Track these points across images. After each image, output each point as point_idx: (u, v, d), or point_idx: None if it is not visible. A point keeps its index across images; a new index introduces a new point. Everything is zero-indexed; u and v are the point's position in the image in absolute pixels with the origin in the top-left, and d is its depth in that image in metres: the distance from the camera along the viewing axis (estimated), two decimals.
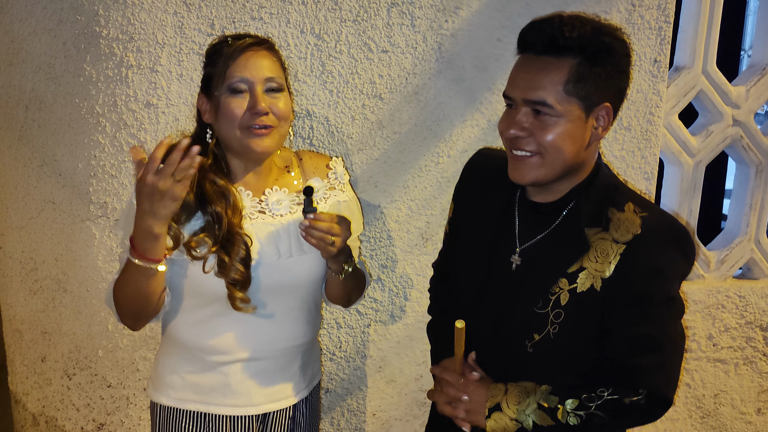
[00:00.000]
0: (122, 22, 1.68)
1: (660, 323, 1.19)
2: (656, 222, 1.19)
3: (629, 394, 1.17)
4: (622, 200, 1.21)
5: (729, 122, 2.04)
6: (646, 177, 1.94)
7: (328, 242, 1.31)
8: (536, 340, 1.22)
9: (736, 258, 2.14)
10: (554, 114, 1.13)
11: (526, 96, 1.15)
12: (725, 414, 2.18)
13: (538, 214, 1.26)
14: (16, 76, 1.83)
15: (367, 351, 1.95)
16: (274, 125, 1.35)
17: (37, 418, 2.04)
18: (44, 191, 1.85)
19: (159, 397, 1.43)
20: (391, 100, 1.80)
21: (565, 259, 1.20)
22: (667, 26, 1.85)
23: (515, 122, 1.16)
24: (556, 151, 1.15)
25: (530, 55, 1.16)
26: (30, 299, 1.96)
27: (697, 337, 2.10)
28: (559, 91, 1.12)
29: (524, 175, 1.19)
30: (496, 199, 1.32)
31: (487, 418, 1.22)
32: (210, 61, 1.38)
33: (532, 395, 1.21)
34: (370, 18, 1.74)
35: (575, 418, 1.18)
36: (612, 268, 1.16)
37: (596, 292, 1.17)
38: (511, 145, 1.19)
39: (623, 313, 1.18)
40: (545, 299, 1.21)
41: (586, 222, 1.20)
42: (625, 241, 1.16)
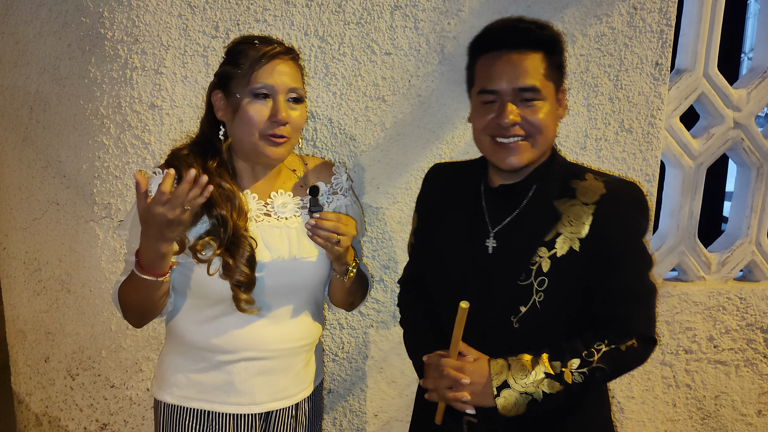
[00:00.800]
0: (127, 24, 1.69)
1: (638, 273, 1.31)
2: (617, 183, 1.32)
3: (623, 341, 1.27)
4: (581, 172, 1.35)
5: (730, 125, 2.05)
6: (647, 179, 1.95)
7: (334, 241, 1.32)
8: (522, 312, 1.29)
9: (737, 260, 2.15)
10: (541, 98, 1.26)
11: (516, 84, 1.26)
12: (726, 416, 2.19)
13: (505, 198, 1.35)
14: (21, 77, 1.84)
15: (369, 352, 1.96)
16: (290, 136, 1.36)
17: (40, 418, 2.04)
18: (48, 192, 1.86)
19: (163, 396, 1.44)
20: (394, 102, 1.81)
21: (540, 229, 1.29)
22: (668, 29, 1.86)
23: (509, 111, 1.25)
24: (545, 131, 1.28)
25: (504, 52, 1.27)
26: (33, 300, 1.97)
27: (697, 338, 2.11)
28: (541, 77, 1.26)
29: (520, 158, 1.28)
30: (460, 197, 1.41)
31: (497, 397, 1.25)
32: (232, 59, 1.36)
33: (537, 366, 1.25)
34: (374, 20, 1.75)
35: (580, 376, 1.25)
36: (587, 227, 1.27)
37: (576, 253, 1.27)
38: (502, 133, 1.27)
39: (604, 267, 1.27)
40: (527, 270, 1.28)
41: (553, 196, 1.31)
42: (594, 201, 1.28)
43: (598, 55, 1.84)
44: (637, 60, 1.86)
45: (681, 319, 2.08)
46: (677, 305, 2.07)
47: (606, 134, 1.90)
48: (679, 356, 2.11)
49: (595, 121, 1.89)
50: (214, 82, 1.41)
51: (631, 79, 1.87)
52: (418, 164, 1.85)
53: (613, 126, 1.90)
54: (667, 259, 2.09)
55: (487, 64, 1.30)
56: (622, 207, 1.29)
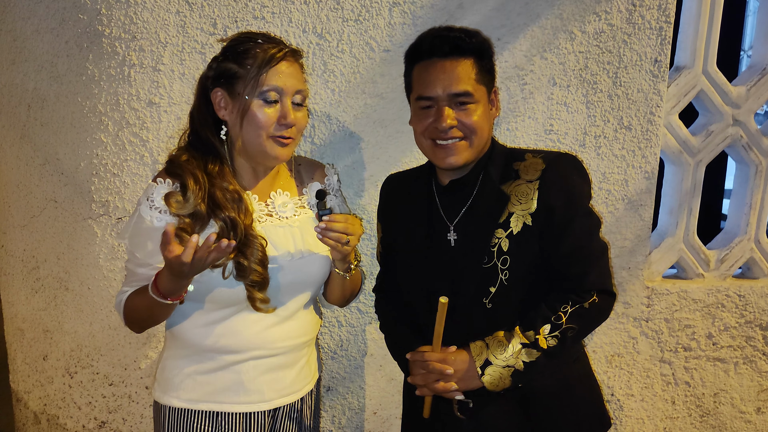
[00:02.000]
0: (125, 21, 1.68)
1: (587, 233, 1.39)
2: (554, 156, 1.41)
3: (586, 298, 1.36)
4: (519, 154, 1.44)
5: (729, 122, 2.05)
6: (646, 176, 1.94)
7: (344, 242, 1.33)
8: (492, 293, 1.38)
9: (736, 257, 2.14)
10: (473, 101, 1.36)
11: (451, 90, 1.35)
12: (725, 413, 2.19)
13: (455, 192, 1.45)
14: (18, 74, 1.83)
15: (368, 349, 1.96)
16: (295, 137, 1.37)
17: (38, 416, 2.04)
18: (46, 190, 1.86)
19: (169, 400, 1.42)
20: (393, 99, 1.80)
21: (494, 213, 1.39)
22: (667, 26, 1.86)
23: (446, 115, 1.35)
24: (479, 131, 1.37)
25: (437, 59, 1.36)
26: (31, 297, 1.96)
27: (696, 336, 2.10)
28: (472, 82, 1.36)
29: (458, 158, 1.37)
30: (414, 200, 1.50)
31: (482, 376, 1.34)
32: (236, 57, 1.34)
33: (513, 339, 1.34)
34: (372, 17, 1.74)
35: (553, 339, 1.34)
36: (535, 202, 1.36)
37: (529, 227, 1.36)
38: (441, 136, 1.36)
39: (556, 233, 1.36)
40: (489, 253, 1.37)
41: (499, 181, 1.40)
42: (537, 178, 1.37)
43: (597, 52, 1.84)
44: (636, 57, 1.86)
45: (680, 316, 2.08)
46: (676, 303, 2.07)
47: (605, 131, 1.90)
48: (678, 354, 2.11)
49: (594, 119, 1.88)
50: (210, 76, 1.38)
51: (630, 76, 1.87)
52: (417, 161, 1.84)
53: (612, 123, 1.90)
54: (666, 257, 2.09)
55: (422, 71, 1.38)
56: (562, 176, 1.37)
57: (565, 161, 1.40)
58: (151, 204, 1.32)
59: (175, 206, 1.30)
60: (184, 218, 1.31)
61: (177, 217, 1.31)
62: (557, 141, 1.88)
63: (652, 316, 2.06)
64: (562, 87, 1.85)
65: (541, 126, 1.87)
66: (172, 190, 1.32)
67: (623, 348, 2.07)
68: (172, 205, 1.30)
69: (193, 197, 1.31)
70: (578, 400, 1.46)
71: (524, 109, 1.85)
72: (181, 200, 1.31)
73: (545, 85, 1.84)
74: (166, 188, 1.33)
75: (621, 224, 1.97)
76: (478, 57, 1.37)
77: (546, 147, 1.88)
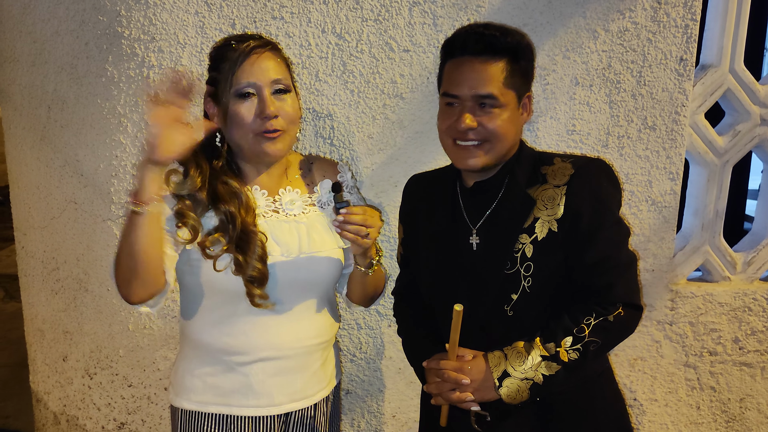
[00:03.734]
0: (144, 22, 1.68)
1: (616, 243, 1.33)
2: (584, 161, 1.35)
3: (611, 311, 1.30)
4: (548, 158, 1.38)
5: (757, 121, 2.00)
6: (671, 177, 1.91)
7: (363, 234, 1.31)
8: (514, 300, 1.33)
9: (764, 260, 2.09)
10: (498, 105, 1.30)
11: (475, 91, 1.30)
12: (751, 419, 2.14)
13: (480, 194, 1.40)
14: (38, 76, 1.84)
15: (387, 352, 1.94)
16: (284, 129, 1.35)
17: (58, 416, 2.05)
18: (66, 191, 1.86)
19: (180, 402, 1.42)
20: (413, 99, 1.78)
21: (518, 218, 1.34)
22: (693, 24, 1.82)
23: (465, 117, 1.30)
24: (501, 136, 1.32)
25: (468, 57, 1.31)
26: (51, 299, 1.97)
27: (722, 340, 2.06)
28: (500, 85, 1.30)
29: (476, 161, 1.33)
30: (439, 201, 1.46)
31: (499, 388, 1.29)
32: (215, 65, 1.37)
33: (533, 350, 1.29)
34: (392, 17, 1.73)
35: (575, 353, 1.29)
36: (562, 208, 1.31)
37: (555, 234, 1.31)
38: (460, 137, 1.32)
39: (583, 241, 1.31)
40: (512, 258, 1.33)
41: (525, 185, 1.35)
42: (565, 183, 1.32)
43: (620, 51, 1.81)
44: (661, 55, 1.82)
45: (705, 320, 2.04)
46: (702, 306, 2.03)
47: (629, 132, 1.86)
48: (703, 358, 2.07)
49: (617, 119, 1.85)
50: (206, 90, 1.40)
51: (654, 75, 1.83)
52: (437, 162, 1.82)
53: (636, 123, 1.86)
54: (692, 259, 2.05)
55: (452, 68, 1.34)
56: (591, 182, 1.32)
57: (595, 167, 1.35)
58: None
59: (172, 184, 1.30)
60: (185, 200, 1.31)
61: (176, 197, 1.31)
62: (579, 142, 1.85)
63: (676, 319, 2.02)
64: (584, 86, 1.82)
65: (563, 126, 1.84)
66: (175, 167, 1.32)
67: (646, 352, 2.03)
68: (170, 182, 1.30)
69: (191, 179, 1.31)
70: (600, 413, 1.41)
71: (546, 109, 1.82)
72: (179, 179, 1.31)
73: (568, 85, 1.81)
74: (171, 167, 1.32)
75: (644, 226, 1.93)
76: (512, 58, 1.31)
77: (568, 148, 1.85)
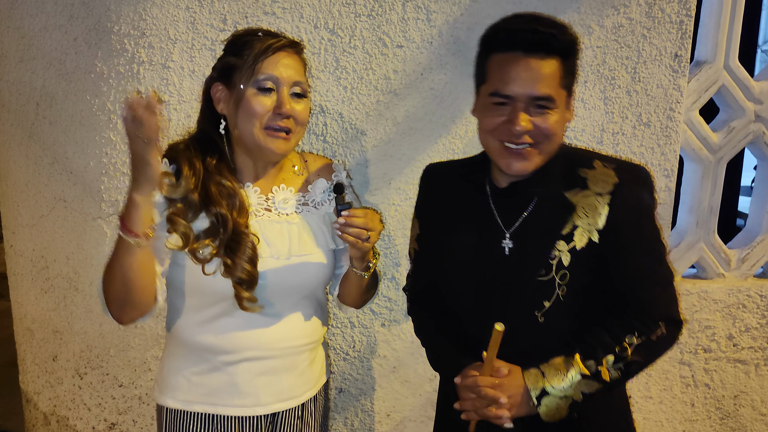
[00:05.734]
0: (134, 17, 1.66)
1: (657, 258, 1.30)
2: (628, 168, 1.31)
3: (653, 330, 1.26)
4: (588, 160, 1.32)
5: (751, 118, 2.00)
6: (665, 174, 1.90)
7: (364, 238, 1.29)
8: (546, 308, 1.28)
9: (758, 257, 2.09)
10: (553, 106, 1.23)
11: (533, 93, 1.22)
12: (745, 415, 2.14)
13: (515, 197, 1.33)
14: (26, 72, 1.81)
15: (381, 351, 1.92)
16: (293, 130, 1.33)
17: (48, 417, 2.02)
18: (55, 189, 1.84)
19: (165, 400, 1.40)
20: (406, 95, 1.77)
21: (556, 224, 1.28)
22: (688, 20, 1.81)
23: (521, 118, 1.22)
24: (553, 137, 1.26)
25: (520, 54, 1.22)
26: (41, 298, 1.94)
27: (717, 337, 2.06)
28: (556, 85, 1.23)
29: (528, 165, 1.26)
30: (464, 200, 1.39)
31: (538, 407, 1.25)
32: (235, 51, 1.33)
33: (571, 368, 1.25)
34: (385, 12, 1.71)
35: (617, 372, 1.25)
36: (604, 217, 1.26)
37: (595, 244, 1.26)
38: (512, 140, 1.24)
39: (625, 254, 1.26)
40: (547, 266, 1.27)
41: (563, 187, 1.29)
42: (609, 191, 1.27)
43: (615, 47, 1.80)
44: (655, 52, 1.81)
45: (700, 317, 2.03)
46: (696, 303, 2.02)
47: (623, 128, 1.85)
48: (697, 355, 2.06)
49: (612, 115, 1.84)
50: (213, 75, 1.38)
51: (649, 71, 1.82)
52: (431, 159, 1.81)
53: (631, 120, 1.85)
54: (686, 256, 2.04)
55: (501, 64, 1.24)
56: (637, 193, 1.28)
57: (639, 177, 1.30)
58: None
59: (165, 188, 1.27)
60: (177, 203, 1.29)
61: (168, 200, 1.29)
62: (574, 138, 1.84)
63: None
64: (579, 83, 1.80)
65: None
66: (167, 169, 1.29)
67: None
68: (163, 186, 1.26)
69: (185, 182, 1.28)
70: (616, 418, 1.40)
71: None
72: (173, 182, 1.27)
73: None
74: (162, 166, 1.27)
75: None
76: (564, 57, 1.24)
77: None
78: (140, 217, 1.20)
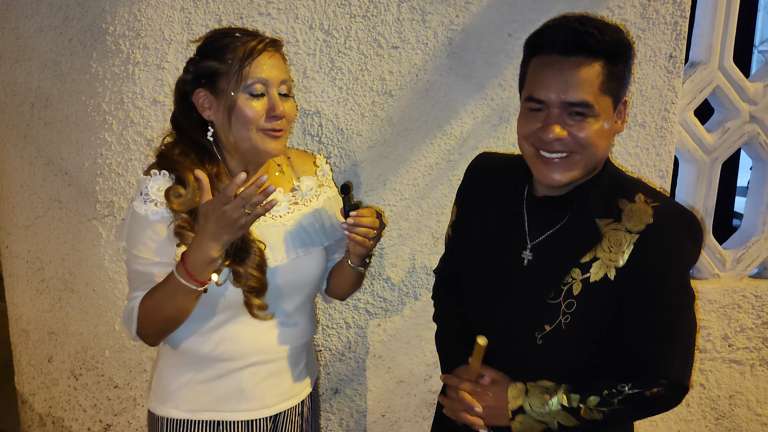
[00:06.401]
0: (129, 18, 1.65)
1: (676, 311, 1.19)
2: (668, 210, 1.20)
3: (650, 386, 1.18)
4: (631, 191, 1.23)
5: (746, 119, 2.00)
6: (660, 175, 1.90)
7: (371, 237, 1.30)
8: (547, 331, 1.23)
9: (753, 257, 2.10)
10: (592, 114, 1.14)
11: (566, 98, 1.14)
12: (740, 416, 2.14)
13: (548, 209, 1.27)
14: (21, 73, 1.81)
15: (377, 351, 1.92)
16: (285, 129, 1.33)
17: (43, 418, 2.02)
18: (50, 190, 1.83)
19: (167, 411, 1.37)
20: (402, 96, 1.77)
21: (578, 249, 1.21)
22: (682, 21, 1.82)
23: (554, 125, 1.15)
24: (593, 149, 1.16)
25: (557, 57, 1.15)
26: (36, 299, 1.94)
27: (712, 337, 2.06)
28: (595, 91, 1.14)
29: (561, 177, 1.19)
30: (502, 198, 1.34)
31: (512, 421, 1.23)
32: (215, 54, 1.29)
33: (554, 395, 1.21)
34: (380, 13, 1.71)
35: (598, 414, 1.20)
36: (626, 257, 1.18)
37: (610, 282, 1.19)
38: (545, 148, 1.18)
39: (639, 301, 1.18)
40: (557, 289, 1.22)
41: (597, 213, 1.22)
42: (639, 231, 1.17)
43: None
44: (650, 53, 1.82)
45: None
46: None
47: None
48: None
49: None
50: (188, 79, 1.32)
51: (644, 72, 1.83)
52: (426, 160, 1.81)
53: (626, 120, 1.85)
54: None
55: (538, 67, 1.18)
56: (668, 238, 1.18)
57: (679, 222, 1.20)
58: (145, 198, 1.25)
59: (176, 202, 1.23)
60: (182, 214, 1.25)
61: (175, 212, 1.25)
62: None
63: None
64: None
65: None
66: (170, 183, 1.26)
67: None
68: (173, 201, 1.23)
69: (192, 194, 1.25)
70: None
71: None
72: (183, 194, 1.24)
73: None
74: (162, 180, 1.26)
75: None
76: (609, 60, 1.14)
77: None
78: (212, 268, 1.22)
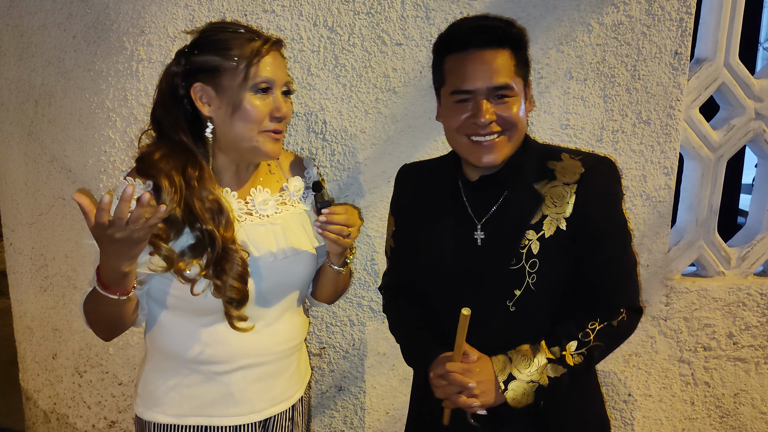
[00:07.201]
0: (132, 15, 1.65)
1: (622, 246, 1.35)
2: (593, 160, 1.35)
3: (614, 316, 1.33)
4: (556, 153, 1.37)
5: (752, 116, 1.99)
6: (665, 172, 1.89)
7: (345, 234, 1.28)
8: (517, 296, 1.32)
9: (758, 255, 2.09)
10: (513, 94, 1.29)
11: (491, 84, 1.27)
12: (745, 414, 2.14)
13: (486, 190, 1.37)
14: (25, 70, 1.81)
15: (380, 348, 1.92)
16: (284, 130, 1.32)
17: (48, 415, 2.02)
18: (54, 187, 1.84)
19: (154, 415, 1.35)
20: (405, 93, 1.76)
21: (526, 213, 1.32)
22: (688, 17, 1.81)
23: (485, 110, 1.27)
24: (519, 125, 1.30)
25: (475, 50, 1.28)
26: (40, 296, 1.95)
27: (717, 335, 2.06)
28: (512, 74, 1.29)
29: (497, 155, 1.30)
30: (438, 193, 1.43)
31: (505, 392, 1.28)
32: (216, 50, 1.25)
33: (538, 353, 1.30)
34: (384, 10, 1.70)
35: (579, 357, 1.30)
36: (571, 206, 1.30)
37: (563, 232, 1.30)
38: (478, 132, 1.29)
39: (592, 243, 1.31)
40: (517, 255, 1.31)
41: (533, 179, 1.34)
42: (575, 181, 1.31)
43: (615, 45, 1.79)
44: (655, 49, 1.81)
45: (700, 315, 2.03)
46: (696, 301, 2.02)
47: (623, 126, 1.85)
48: (697, 353, 2.06)
49: (611, 113, 1.84)
50: (180, 72, 1.28)
51: (649, 69, 1.82)
52: (430, 157, 1.80)
53: (631, 117, 1.85)
54: (686, 254, 2.04)
55: (457, 63, 1.30)
56: (601, 183, 1.32)
57: (605, 167, 1.35)
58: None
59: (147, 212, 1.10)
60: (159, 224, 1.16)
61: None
62: (574, 136, 1.84)
63: (670, 315, 2.01)
64: (578, 81, 1.80)
65: (557, 121, 1.82)
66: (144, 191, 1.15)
67: (641, 347, 2.02)
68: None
69: (168, 202, 1.19)
70: (588, 408, 1.43)
71: (540, 103, 1.81)
72: (154, 205, 1.09)
73: (561, 79, 1.80)
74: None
75: (639, 221, 1.92)
76: (515, 48, 1.30)
77: (562, 142, 1.84)
78: (130, 281, 1.18)
